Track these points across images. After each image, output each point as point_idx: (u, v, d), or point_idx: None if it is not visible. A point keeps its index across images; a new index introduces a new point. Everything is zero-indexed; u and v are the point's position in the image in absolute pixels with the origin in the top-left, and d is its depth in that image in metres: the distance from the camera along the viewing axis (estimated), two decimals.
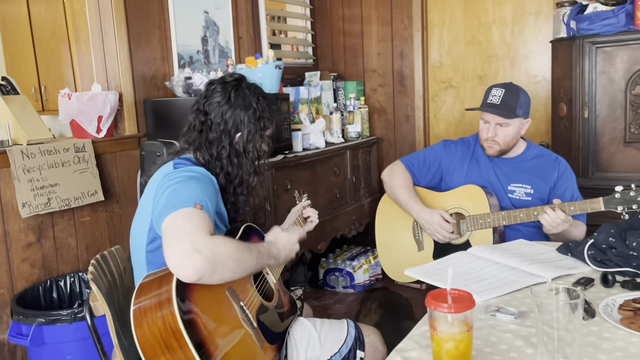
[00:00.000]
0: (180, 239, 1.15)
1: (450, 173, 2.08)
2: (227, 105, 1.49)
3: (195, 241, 1.15)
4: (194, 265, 1.12)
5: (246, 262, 1.25)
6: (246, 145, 1.50)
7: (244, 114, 1.49)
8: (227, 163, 1.47)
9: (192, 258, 1.12)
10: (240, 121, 1.48)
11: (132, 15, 2.59)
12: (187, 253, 1.13)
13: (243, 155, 1.50)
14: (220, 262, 1.17)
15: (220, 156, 1.47)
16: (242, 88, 1.52)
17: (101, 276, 1.37)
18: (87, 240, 2.42)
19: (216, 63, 3.06)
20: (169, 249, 1.15)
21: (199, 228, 1.17)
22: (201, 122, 1.49)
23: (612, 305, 1.17)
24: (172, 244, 1.15)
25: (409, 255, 2.10)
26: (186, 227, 1.17)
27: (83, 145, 2.33)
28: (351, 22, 3.79)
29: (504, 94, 1.91)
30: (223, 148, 1.47)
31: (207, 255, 1.14)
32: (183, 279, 1.13)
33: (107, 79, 2.60)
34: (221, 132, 1.47)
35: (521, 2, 3.29)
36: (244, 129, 1.49)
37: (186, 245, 1.14)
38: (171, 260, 1.14)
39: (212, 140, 1.47)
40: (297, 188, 2.91)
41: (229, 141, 1.48)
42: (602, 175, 2.73)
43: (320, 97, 3.41)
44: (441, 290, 0.97)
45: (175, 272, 1.14)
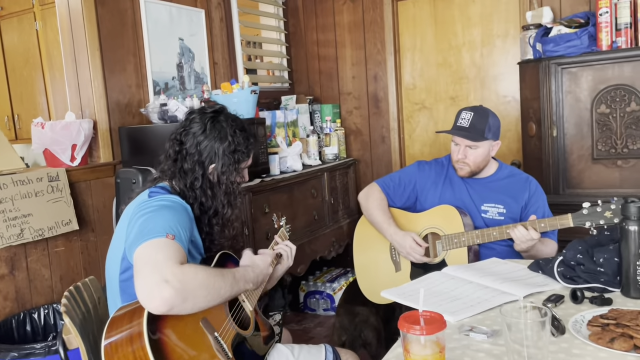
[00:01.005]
0: (149, 270, 1.15)
1: (425, 194, 2.12)
2: (202, 136, 1.50)
3: (163, 272, 1.14)
4: (163, 296, 1.11)
5: (219, 289, 1.24)
6: (220, 177, 1.50)
7: (218, 145, 1.49)
8: (200, 194, 1.48)
9: (160, 289, 1.12)
10: (214, 153, 1.49)
11: (106, 43, 2.60)
12: (156, 284, 1.12)
13: (217, 186, 1.50)
14: (191, 291, 1.16)
15: (193, 186, 1.47)
16: (219, 120, 1.53)
17: (75, 308, 1.35)
18: (61, 271, 2.38)
19: (192, 89, 3.08)
20: (138, 281, 1.15)
21: (168, 258, 1.17)
22: (176, 151, 1.50)
23: (581, 321, 1.20)
24: (141, 276, 1.15)
25: (387, 277, 2.12)
26: (156, 258, 1.17)
27: (57, 174, 2.31)
28: (326, 46, 3.85)
29: (472, 117, 1.96)
30: (196, 179, 1.48)
31: (175, 285, 1.13)
32: (153, 311, 1.12)
33: (81, 107, 2.60)
34: (195, 162, 1.48)
35: (489, 26, 3.39)
36: (217, 161, 1.50)
37: (155, 276, 1.13)
38: (140, 292, 1.14)
39: (186, 170, 1.48)
40: (275, 211, 2.92)
41: (202, 172, 1.49)
42: (572, 192, 2.80)
43: (297, 120, 3.44)
44: (413, 312, 0.99)
45: (145, 304, 1.13)
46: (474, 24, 3.43)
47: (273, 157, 3.01)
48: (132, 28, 2.75)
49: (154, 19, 2.85)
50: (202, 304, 1.20)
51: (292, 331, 3.35)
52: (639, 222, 1.30)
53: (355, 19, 3.73)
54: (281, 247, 1.68)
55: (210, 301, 1.22)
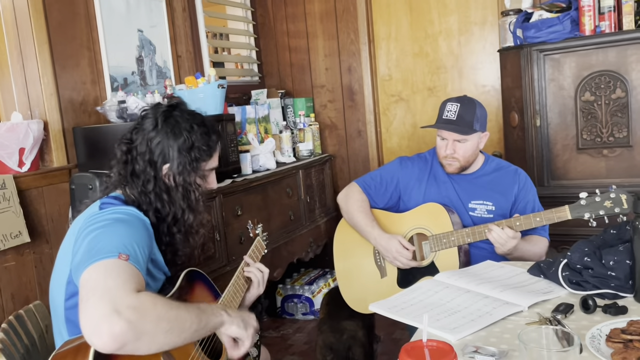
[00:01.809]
0: (96, 299, 0.95)
1: (409, 192, 1.96)
2: (153, 132, 1.31)
3: (114, 301, 0.94)
4: (112, 331, 0.91)
5: (183, 320, 1.04)
6: (177, 179, 1.31)
7: (172, 142, 1.30)
8: (154, 199, 1.28)
9: (110, 322, 0.92)
10: (167, 151, 1.30)
11: (56, 35, 2.37)
12: (104, 316, 0.92)
13: (173, 189, 1.31)
14: (149, 326, 0.96)
15: (146, 190, 1.27)
16: (173, 115, 1.34)
17: (15, 343, 1.15)
18: (12, 288, 2.15)
19: (154, 84, 2.86)
20: (82, 312, 0.95)
21: (121, 284, 0.97)
22: (124, 151, 1.30)
23: (598, 336, 1.06)
24: (87, 306, 0.95)
25: (372, 283, 1.96)
26: (106, 284, 0.97)
27: (3, 181, 2.08)
28: (296, 37, 3.67)
29: (459, 108, 1.81)
30: (148, 181, 1.28)
31: (128, 317, 0.93)
32: (100, 349, 0.92)
33: (30, 107, 2.36)
34: (146, 162, 1.29)
35: (466, 12, 3.26)
36: (172, 161, 1.30)
37: (103, 306, 0.93)
38: (85, 327, 0.93)
39: (137, 172, 1.28)
40: (249, 213, 2.74)
41: (154, 173, 1.29)
42: (557, 183, 2.70)
43: (269, 115, 3.26)
44: (415, 343, 0.83)
45: (90, 340, 0.93)
46: (450, 11, 3.30)
47: (244, 155, 2.82)
48: (85, 19, 2.51)
49: (109, 8, 2.62)
50: (162, 342, 1.00)
51: (270, 338, 3.19)
52: None
53: (327, 8, 3.55)
54: (252, 271, 1.50)
55: (172, 337, 1.01)
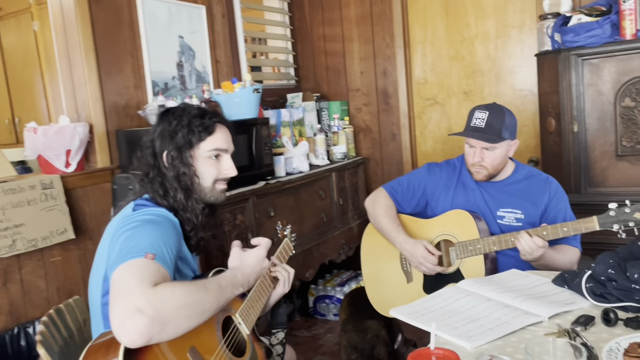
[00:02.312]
0: (121, 298, 1.02)
1: (436, 198, 1.97)
2: (154, 128, 1.41)
3: (136, 299, 1.01)
4: (137, 328, 0.98)
5: (203, 304, 1.11)
6: (171, 162, 1.38)
7: (166, 127, 1.39)
8: (158, 186, 1.36)
9: (134, 320, 0.98)
10: (164, 140, 1.38)
11: (101, 43, 2.49)
12: (127, 315, 0.99)
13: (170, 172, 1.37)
14: (170, 316, 1.03)
15: (152, 182, 1.36)
16: (169, 109, 1.45)
17: (54, 335, 1.24)
18: (58, 282, 2.28)
19: (193, 88, 2.96)
20: (110, 311, 1.03)
21: (142, 281, 1.04)
22: (139, 155, 1.42)
23: (616, 350, 1.06)
24: (114, 305, 1.03)
25: (398, 288, 1.98)
26: (129, 283, 1.04)
27: (51, 181, 2.21)
28: (332, 41, 3.71)
29: (488, 116, 1.81)
30: (154, 171, 1.37)
31: (149, 313, 1.00)
32: (129, 345, 0.99)
33: (77, 110, 2.49)
34: (151, 156, 1.39)
35: (503, 16, 3.23)
36: (167, 144, 1.38)
37: (126, 305, 1.01)
38: (113, 325, 1.01)
39: (146, 168, 1.39)
40: (281, 214, 2.80)
41: (155, 162, 1.39)
42: (595, 191, 2.64)
43: (303, 118, 3.31)
44: (423, 350, 0.85)
45: (119, 337, 1.00)
46: (487, 14, 3.27)
47: (278, 158, 2.89)
48: (129, 26, 2.63)
49: (152, 16, 2.73)
50: (185, 327, 1.07)
51: (301, 338, 3.25)
52: None
53: (363, 12, 3.58)
54: (279, 271, 1.54)
55: (193, 320, 1.09)
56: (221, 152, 1.44)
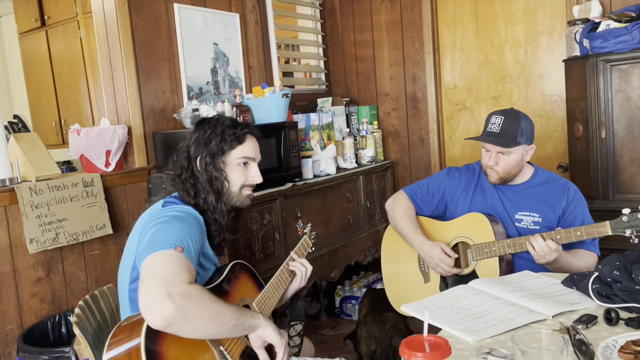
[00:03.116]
0: (154, 282, 1.13)
1: (455, 202, 2.02)
2: (192, 135, 1.53)
3: (169, 286, 1.12)
4: (163, 311, 1.09)
5: (224, 315, 1.20)
6: (207, 166, 1.49)
7: (201, 136, 1.50)
8: (190, 187, 1.47)
9: (162, 303, 1.09)
10: (198, 144, 1.50)
11: (140, 49, 2.64)
12: (158, 297, 1.10)
13: (202, 176, 1.48)
14: (194, 313, 1.13)
15: (185, 183, 1.47)
16: (204, 119, 1.56)
17: (88, 318, 1.36)
18: (97, 274, 2.44)
19: (226, 93, 3.09)
20: (142, 291, 1.14)
21: (177, 273, 1.15)
22: (175, 158, 1.53)
23: (612, 347, 1.09)
24: (146, 287, 1.13)
25: (415, 288, 2.04)
26: (164, 271, 1.15)
27: (91, 179, 2.37)
28: (363, 47, 3.79)
29: (503, 121, 1.85)
30: (187, 173, 1.48)
31: (178, 302, 1.10)
32: (151, 324, 1.10)
33: (117, 113, 2.65)
34: (186, 159, 1.50)
35: (533, 22, 3.23)
36: (202, 150, 1.49)
37: (158, 289, 1.11)
38: (142, 304, 1.12)
39: (181, 171, 1.50)
40: (308, 215, 2.89)
41: (189, 166, 1.50)
42: (623, 197, 2.62)
43: (332, 122, 3.40)
44: (416, 337, 0.92)
45: (145, 315, 1.11)
46: (517, 20, 3.28)
47: (306, 160, 2.98)
48: (167, 34, 2.78)
49: (188, 24, 2.87)
50: (202, 329, 1.16)
51: (327, 336, 3.32)
52: None
53: (393, 19, 3.64)
54: (296, 266, 1.63)
55: (211, 327, 1.17)
56: (249, 160, 1.56)
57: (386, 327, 2.19)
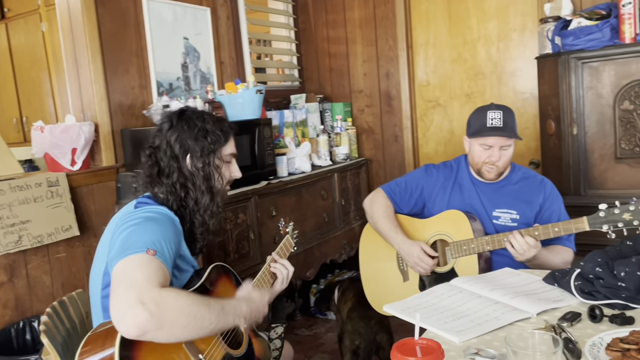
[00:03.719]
0: (125, 289, 1.06)
1: (433, 199, 2.00)
2: (170, 131, 1.44)
3: (140, 293, 1.05)
4: (136, 320, 1.02)
5: (202, 319, 1.13)
6: (197, 165, 1.42)
7: (188, 133, 1.43)
8: (180, 188, 1.40)
9: (135, 311, 1.02)
10: (186, 142, 1.42)
11: (107, 44, 2.54)
12: (130, 305, 1.03)
13: (197, 174, 1.42)
14: (169, 319, 1.06)
15: (172, 182, 1.40)
16: (185, 112, 1.48)
17: (57, 326, 1.28)
18: (63, 277, 2.34)
19: (197, 89, 3.01)
20: (113, 300, 1.07)
21: (148, 278, 1.08)
22: (148, 155, 1.43)
23: (599, 344, 1.09)
24: (117, 295, 1.06)
25: (394, 287, 2.02)
26: (135, 277, 1.08)
27: (56, 179, 2.26)
28: (336, 43, 3.75)
29: (503, 115, 1.84)
30: (173, 172, 1.40)
31: (151, 309, 1.04)
32: (124, 334, 1.04)
33: (82, 110, 2.55)
34: (169, 158, 1.41)
35: (505, 19, 3.25)
36: (191, 149, 1.42)
37: (130, 296, 1.04)
38: (113, 313, 1.05)
39: (162, 169, 1.41)
40: (283, 214, 2.84)
41: (177, 165, 1.41)
42: (594, 193, 2.66)
43: (306, 119, 3.35)
44: (407, 340, 0.89)
45: (117, 325, 1.04)
46: (489, 17, 3.30)
47: (280, 158, 2.93)
48: (135, 28, 2.69)
49: (157, 18, 2.78)
50: (179, 335, 1.10)
51: (302, 337, 3.28)
52: None
53: (367, 15, 3.61)
54: (278, 268, 1.58)
55: (189, 332, 1.11)
56: (233, 156, 1.52)
57: (372, 322, 2.19)
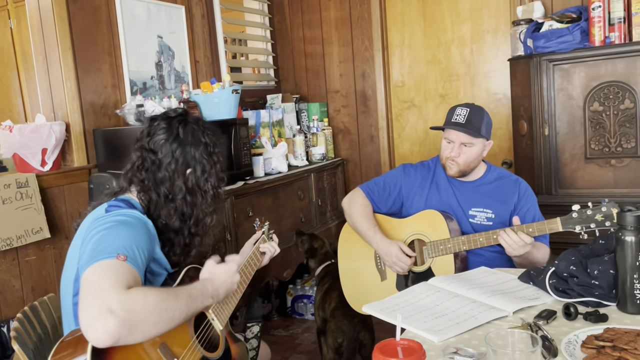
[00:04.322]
0: (92, 297, 1.03)
1: (411, 198, 2.02)
2: (176, 143, 1.40)
3: (108, 300, 1.02)
4: (106, 328, 0.99)
5: (173, 312, 1.12)
6: (200, 182, 1.41)
7: (194, 150, 1.41)
8: (182, 203, 1.38)
9: (104, 320, 0.99)
10: (191, 158, 1.40)
11: (79, 41, 2.49)
12: (98, 314, 1.00)
13: (198, 192, 1.41)
14: (140, 320, 1.04)
15: (174, 196, 1.37)
16: (189, 123, 1.44)
17: (28, 332, 1.25)
18: (33, 281, 2.27)
19: (172, 88, 2.97)
20: (81, 308, 1.03)
21: (115, 283, 1.05)
22: (151, 160, 1.39)
23: (574, 342, 1.11)
24: (85, 304, 1.03)
25: (372, 286, 2.02)
26: (102, 283, 1.05)
27: (26, 180, 2.20)
28: (312, 43, 3.75)
29: (469, 113, 1.87)
30: (175, 186, 1.37)
31: (120, 315, 1.01)
32: (95, 344, 1.00)
33: (53, 109, 2.48)
34: (173, 171, 1.38)
35: (479, 21, 3.30)
36: (196, 166, 1.41)
37: (97, 305, 1.01)
38: (82, 323, 1.02)
39: (161, 179, 1.38)
40: (260, 214, 2.82)
41: (183, 180, 1.39)
42: (565, 192, 2.72)
43: (283, 119, 3.34)
44: (389, 341, 0.89)
45: (87, 336, 1.01)
46: (463, 19, 3.34)
47: (257, 158, 2.91)
48: (107, 25, 2.63)
49: (131, 16, 2.73)
50: (153, 332, 1.08)
51: (279, 337, 3.27)
52: (635, 232, 1.22)
53: (342, 15, 3.62)
54: (267, 247, 1.64)
55: (162, 327, 1.10)
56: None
57: (355, 321, 2.20)
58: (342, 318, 2.20)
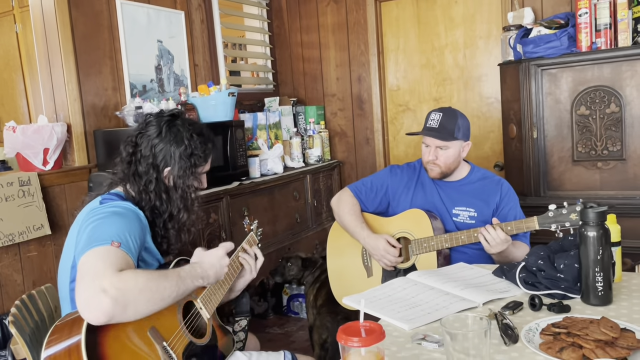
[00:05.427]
0: (88, 279, 1.12)
1: (397, 198, 2.09)
2: (157, 139, 1.48)
3: (101, 281, 1.11)
4: (101, 307, 1.08)
5: (163, 291, 1.20)
6: (175, 181, 1.48)
7: (174, 149, 1.48)
8: (154, 197, 1.46)
9: (98, 299, 1.09)
10: (170, 156, 1.48)
11: (81, 45, 2.58)
12: (93, 294, 1.09)
13: (172, 190, 1.48)
14: (132, 299, 1.13)
15: (147, 189, 1.45)
16: (176, 123, 1.52)
17: (25, 317, 1.33)
18: (34, 276, 2.36)
19: (171, 91, 3.06)
20: (77, 290, 1.13)
21: (108, 266, 1.14)
22: (130, 153, 1.48)
23: (534, 329, 1.18)
24: (81, 285, 1.12)
25: (359, 282, 2.09)
26: (97, 267, 1.14)
27: (28, 178, 2.29)
28: (310, 47, 3.83)
29: (441, 117, 1.94)
30: (150, 182, 1.45)
31: (113, 294, 1.10)
32: (91, 322, 1.10)
33: (55, 111, 2.58)
34: (149, 165, 1.46)
35: (472, 27, 3.37)
36: (173, 165, 1.48)
37: (92, 286, 1.11)
38: (79, 303, 1.11)
39: (140, 173, 1.46)
40: (255, 214, 2.90)
41: (156, 175, 1.47)
42: (553, 194, 2.78)
43: (280, 122, 3.42)
44: (352, 323, 0.96)
45: (83, 314, 1.10)
46: (456, 24, 3.41)
47: (253, 159, 2.99)
48: (108, 30, 2.72)
49: (131, 21, 2.83)
50: (145, 310, 1.16)
51: (274, 335, 3.34)
52: (597, 227, 1.28)
53: (339, 20, 3.71)
54: (245, 258, 1.64)
55: (153, 305, 1.18)
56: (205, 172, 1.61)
57: (338, 317, 2.27)
58: (326, 315, 2.27)
